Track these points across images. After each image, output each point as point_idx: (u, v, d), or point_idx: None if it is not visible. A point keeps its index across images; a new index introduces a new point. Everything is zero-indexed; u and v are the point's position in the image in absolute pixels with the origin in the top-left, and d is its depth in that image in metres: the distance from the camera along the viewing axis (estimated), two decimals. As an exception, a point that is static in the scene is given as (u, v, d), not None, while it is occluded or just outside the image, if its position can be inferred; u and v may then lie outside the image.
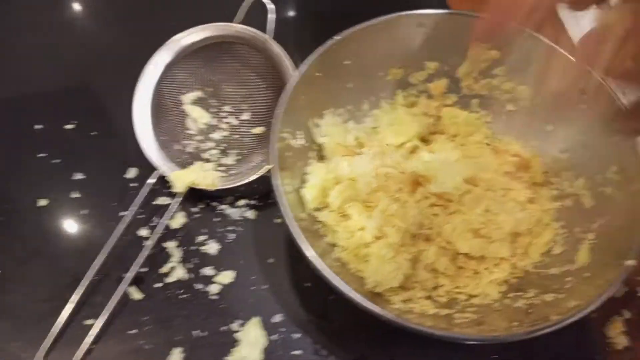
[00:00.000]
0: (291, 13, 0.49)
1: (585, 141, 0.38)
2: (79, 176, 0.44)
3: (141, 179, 0.43)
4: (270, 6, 0.44)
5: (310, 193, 0.38)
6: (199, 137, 0.45)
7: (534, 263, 0.37)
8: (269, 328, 0.38)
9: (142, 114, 0.44)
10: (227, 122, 0.46)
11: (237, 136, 0.46)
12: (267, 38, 0.44)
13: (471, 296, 0.36)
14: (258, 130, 0.45)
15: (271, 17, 0.44)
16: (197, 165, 0.42)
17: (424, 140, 0.43)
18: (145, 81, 0.44)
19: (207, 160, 0.44)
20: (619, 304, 0.38)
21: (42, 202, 0.43)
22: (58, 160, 0.45)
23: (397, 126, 0.43)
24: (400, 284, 0.35)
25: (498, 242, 0.37)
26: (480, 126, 0.43)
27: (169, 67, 0.45)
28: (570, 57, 0.32)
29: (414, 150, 0.42)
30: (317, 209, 0.38)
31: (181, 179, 0.41)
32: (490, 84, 0.43)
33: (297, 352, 0.37)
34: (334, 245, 0.37)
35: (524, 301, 0.34)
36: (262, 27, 0.44)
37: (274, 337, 0.38)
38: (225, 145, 0.45)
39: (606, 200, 0.36)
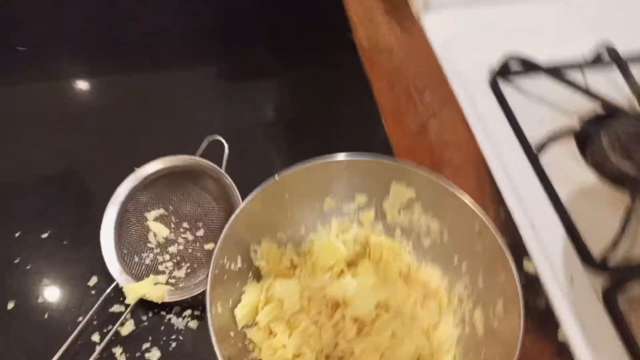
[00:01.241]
0: (243, 149, 0.57)
1: (482, 276, 0.44)
2: (45, 282, 0.50)
3: (100, 287, 0.49)
4: (226, 145, 0.53)
5: (241, 312, 0.43)
6: (157, 250, 0.52)
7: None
8: None
9: (108, 230, 0.50)
10: (184, 237, 0.53)
11: (191, 250, 0.52)
12: (220, 171, 0.52)
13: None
14: (209, 246, 0.52)
15: (226, 153, 0.52)
16: (150, 279, 0.48)
17: (351, 264, 0.49)
18: (115, 200, 0.51)
19: (162, 272, 0.50)
20: None
21: (10, 305, 0.49)
22: (29, 267, 0.51)
23: (327, 250, 0.49)
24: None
25: (402, 365, 0.42)
26: (402, 254, 0.50)
27: (135, 190, 0.52)
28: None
29: (340, 274, 0.48)
30: (248, 326, 0.44)
31: (134, 291, 0.47)
32: (409, 218, 0.49)
33: None
34: (259, 360, 0.42)
35: None
36: (219, 160, 0.52)
37: None
38: (179, 258, 0.51)
39: (492, 331, 0.41)
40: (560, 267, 0.52)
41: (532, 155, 0.59)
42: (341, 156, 0.48)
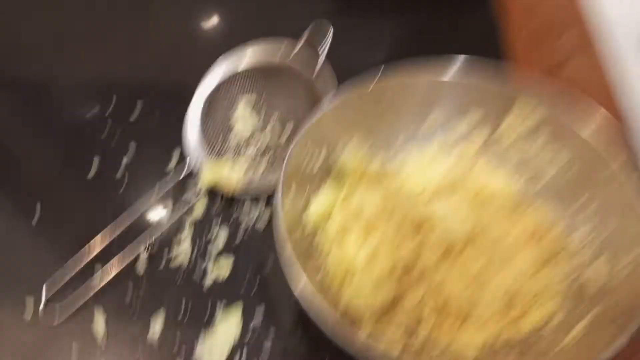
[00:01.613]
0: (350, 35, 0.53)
1: (613, 223, 0.35)
2: (132, 146, 0.50)
3: (181, 164, 0.47)
4: (331, 28, 0.48)
5: (315, 210, 0.39)
6: (243, 137, 0.48)
7: (522, 335, 0.34)
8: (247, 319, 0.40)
9: (196, 107, 0.48)
10: (272, 129, 0.49)
11: (275, 145, 0.48)
12: (322, 60, 0.47)
13: (443, 352, 0.34)
14: None
15: (330, 37, 0.48)
16: (229, 159, 0.45)
17: (446, 192, 0.42)
18: (211, 78, 0.49)
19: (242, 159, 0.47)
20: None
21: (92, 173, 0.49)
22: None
23: (421, 170, 0.42)
24: (376, 309, 0.34)
25: (488, 298, 0.35)
26: (511, 187, 0.42)
27: (232, 72, 0.49)
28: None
29: (432, 198, 0.41)
30: (318, 229, 0.39)
31: (209, 176, 0.44)
32: (529, 145, 0.41)
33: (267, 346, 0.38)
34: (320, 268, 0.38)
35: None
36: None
37: (250, 328, 0.39)
38: (263, 149, 0.48)
39: (611, 290, 0.33)
40: None
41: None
42: (459, 60, 0.41)
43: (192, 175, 0.46)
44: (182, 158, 0.48)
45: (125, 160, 0.49)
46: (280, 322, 0.40)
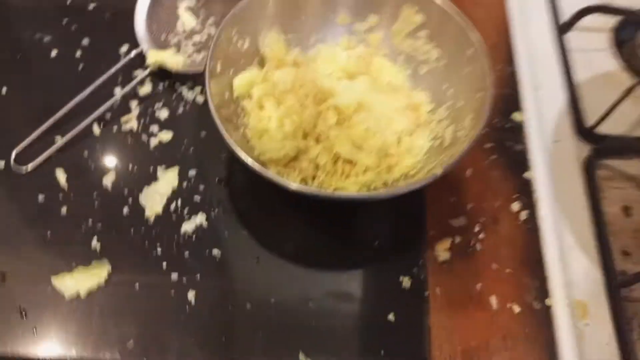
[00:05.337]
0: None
1: (461, 100, 0.47)
2: (84, 43, 0.58)
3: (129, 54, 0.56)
4: None
5: (239, 82, 0.49)
6: (183, 36, 0.57)
7: (392, 180, 0.46)
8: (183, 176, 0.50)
9: (143, 5, 0.56)
10: (209, 32, 0.58)
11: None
12: None
13: (335, 190, 0.46)
14: None
15: None
16: (172, 50, 0.55)
17: (349, 77, 0.53)
18: None
19: (183, 53, 0.56)
20: (456, 230, 0.47)
21: (53, 53, 0.56)
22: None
23: (330, 56, 0.53)
24: (281, 157, 0.45)
25: (367, 153, 0.46)
26: (400, 77, 0.53)
27: None
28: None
29: (337, 79, 0.52)
30: (242, 97, 0.49)
31: (155, 56, 0.53)
32: (413, 44, 0.52)
33: (196, 198, 0.49)
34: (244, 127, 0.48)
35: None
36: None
37: (185, 183, 0.49)
38: (200, 46, 0.57)
39: (457, 142, 0.45)
40: (550, 127, 0.54)
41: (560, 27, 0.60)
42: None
43: (141, 58, 0.55)
44: (132, 47, 0.56)
45: (83, 43, 0.57)
46: (208, 180, 0.50)
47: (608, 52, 0.60)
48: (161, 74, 0.55)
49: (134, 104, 0.53)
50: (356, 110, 0.48)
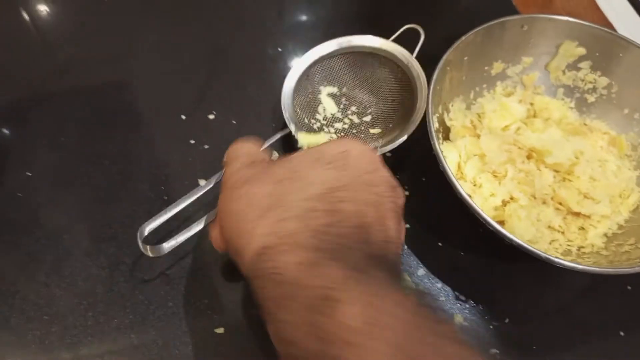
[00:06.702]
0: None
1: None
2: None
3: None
4: (422, 32, 0.52)
5: (452, 166, 0.46)
6: (324, 122, 0.53)
7: (626, 219, 0.47)
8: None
9: (288, 88, 0.51)
10: (351, 119, 0.54)
11: (355, 132, 0.53)
12: (411, 58, 0.50)
13: (581, 247, 0.45)
14: (375, 130, 0.53)
15: (421, 40, 0.51)
16: (322, 134, 0.50)
17: (524, 123, 0.52)
18: (299, 64, 0.52)
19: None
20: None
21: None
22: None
23: (501, 111, 0.51)
24: (529, 238, 0.44)
25: (602, 202, 0.46)
26: (566, 111, 0.53)
27: (321, 59, 0.52)
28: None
29: (517, 131, 0.51)
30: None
31: (306, 138, 0.49)
32: (574, 76, 0.52)
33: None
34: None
35: (627, 247, 0.44)
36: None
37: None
38: (342, 134, 0.53)
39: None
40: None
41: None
42: (516, 16, 0.49)
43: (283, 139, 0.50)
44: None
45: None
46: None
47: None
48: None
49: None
50: (574, 162, 0.47)
